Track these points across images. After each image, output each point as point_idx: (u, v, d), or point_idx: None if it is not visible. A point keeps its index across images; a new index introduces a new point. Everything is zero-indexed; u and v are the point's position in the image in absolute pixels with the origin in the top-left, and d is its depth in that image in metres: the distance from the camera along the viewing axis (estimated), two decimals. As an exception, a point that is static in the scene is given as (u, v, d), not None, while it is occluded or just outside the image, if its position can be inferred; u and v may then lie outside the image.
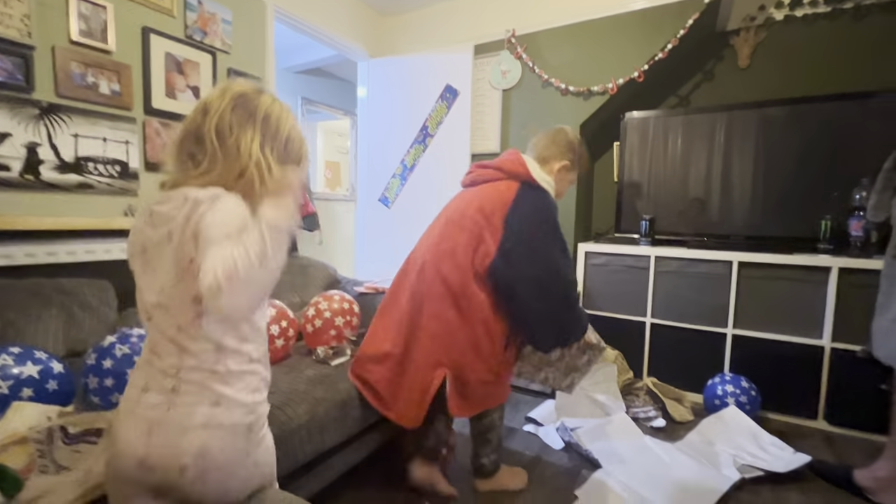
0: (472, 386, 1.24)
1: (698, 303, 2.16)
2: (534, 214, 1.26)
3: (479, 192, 1.32)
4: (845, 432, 1.87)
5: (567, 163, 1.39)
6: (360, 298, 1.73)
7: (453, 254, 1.25)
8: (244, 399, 0.67)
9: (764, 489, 1.45)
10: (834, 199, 2.00)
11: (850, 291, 1.86)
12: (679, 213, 2.34)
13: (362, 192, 3.17)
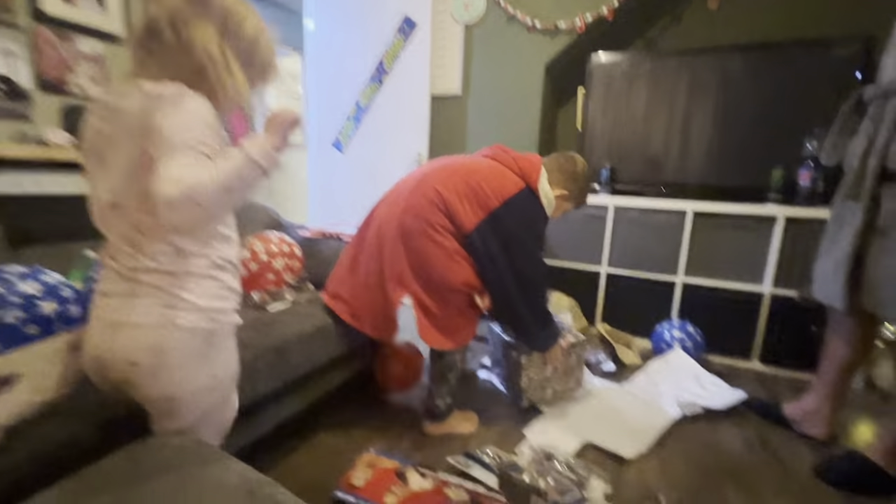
0: (438, 316, 1.24)
1: (652, 252, 2.17)
2: (525, 219, 1.27)
3: (489, 166, 1.29)
4: (776, 371, 1.99)
5: (566, 193, 1.36)
6: (305, 243, 1.59)
7: (439, 197, 1.22)
8: (203, 304, 0.66)
9: (702, 424, 1.52)
10: (787, 148, 2.01)
11: (792, 240, 1.92)
12: (640, 164, 2.31)
13: (313, 136, 2.92)
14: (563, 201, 1.37)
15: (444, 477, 1.11)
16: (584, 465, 1.19)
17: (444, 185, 1.23)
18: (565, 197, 1.36)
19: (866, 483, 1.21)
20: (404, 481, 1.08)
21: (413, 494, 1.04)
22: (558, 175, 1.34)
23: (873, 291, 1.17)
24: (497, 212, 1.22)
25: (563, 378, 1.53)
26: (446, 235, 1.22)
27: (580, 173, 1.37)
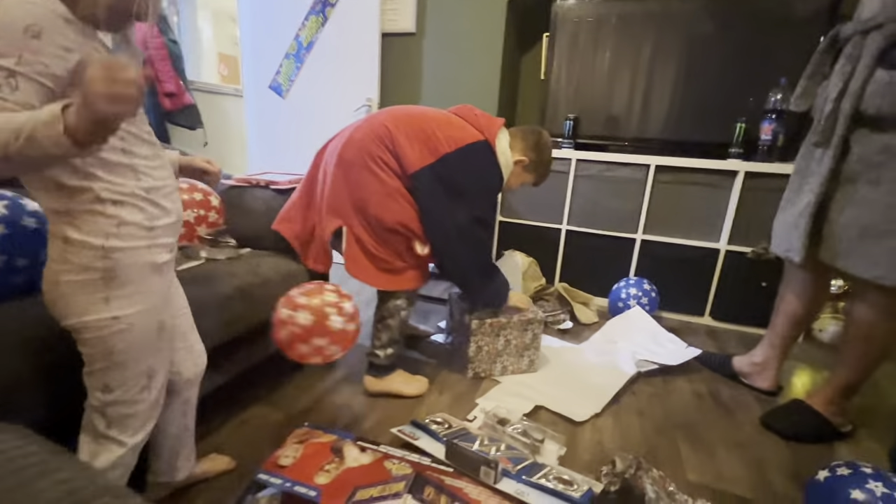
0: (375, 254, 1.20)
1: (613, 209, 2.11)
2: (476, 170, 1.22)
3: (447, 117, 1.24)
4: (727, 327, 2.03)
5: (525, 160, 1.31)
6: (227, 193, 1.37)
7: (387, 133, 1.16)
8: (95, 242, 0.61)
9: (657, 380, 1.50)
10: (751, 102, 1.96)
11: (750, 196, 1.90)
12: (603, 117, 2.19)
13: (249, 78, 2.58)
14: (522, 170, 1.33)
15: (386, 450, 1.01)
16: (538, 429, 1.13)
17: (395, 124, 1.18)
18: (524, 165, 1.32)
19: (809, 430, 1.23)
20: (340, 457, 0.96)
21: (348, 470, 0.93)
22: (520, 142, 1.31)
23: (832, 243, 1.14)
24: (447, 157, 1.17)
25: (515, 355, 1.45)
26: (388, 172, 1.16)
27: (543, 144, 1.33)
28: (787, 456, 1.16)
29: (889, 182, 1.02)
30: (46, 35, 0.51)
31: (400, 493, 0.87)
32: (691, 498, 0.94)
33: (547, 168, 1.36)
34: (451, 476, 0.94)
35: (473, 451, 0.97)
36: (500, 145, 1.25)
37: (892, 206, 1.01)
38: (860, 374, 1.19)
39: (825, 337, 1.90)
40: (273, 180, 1.36)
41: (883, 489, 0.79)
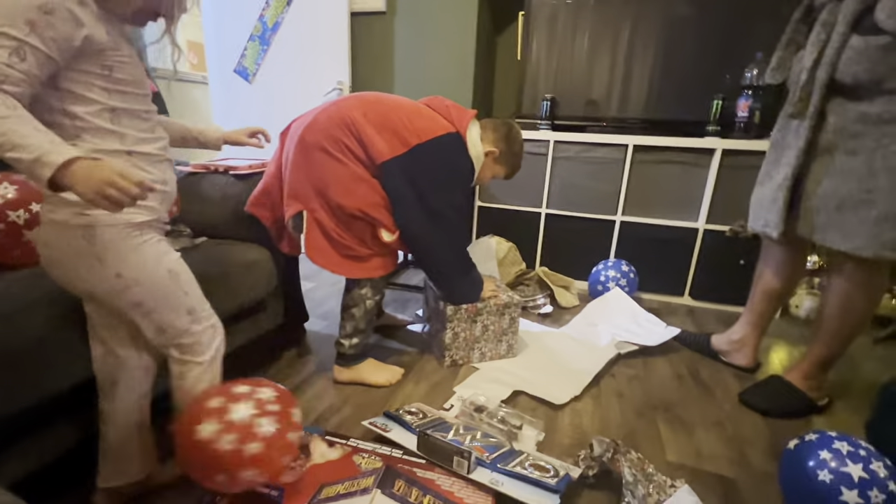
0: (337, 240, 1.15)
1: (592, 190, 2.08)
2: (447, 161, 1.20)
3: (417, 107, 1.21)
4: (706, 306, 2.03)
5: (496, 151, 1.29)
6: (183, 181, 1.29)
7: (352, 121, 1.12)
8: (72, 199, 0.63)
9: (637, 361, 1.49)
10: (727, 79, 1.93)
11: (728, 174, 1.88)
12: (581, 97, 2.15)
13: (213, 62, 2.45)
14: (493, 162, 1.32)
15: (356, 444, 0.96)
16: (516, 415, 1.10)
17: (363, 112, 1.14)
18: (495, 156, 1.30)
19: (787, 405, 1.22)
20: (306, 453, 0.91)
21: (315, 467, 0.88)
22: (491, 133, 1.30)
23: (810, 216, 1.12)
24: (417, 148, 1.15)
25: (493, 341, 1.42)
26: (351, 158, 1.12)
27: (513, 136, 1.32)
28: (765, 432, 1.15)
29: (866, 152, 1.00)
30: (58, 13, 0.57)
31: (369, 488, 0.83)
32: (670, 479, 0.92)
33: (518, 159, 1.35)
34: (423, 468, 0.90)
35: (445, 441, 0.93)
36: (470, 137, 1.24)
37: (870, 175, 0.99)
38: (836, 347, 1.18)
39: (801, 313, 1.92)
40: (233, 166, 1.28)
41: (848, 447, 0.83)
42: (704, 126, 1.93)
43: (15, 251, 0.93)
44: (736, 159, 1.86)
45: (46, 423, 0.78)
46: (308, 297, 1.83)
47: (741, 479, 0.98)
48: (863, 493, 0.77)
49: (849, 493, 0.78)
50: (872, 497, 0.77)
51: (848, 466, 0.80)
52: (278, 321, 1.38)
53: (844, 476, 0.79)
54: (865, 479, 0.78)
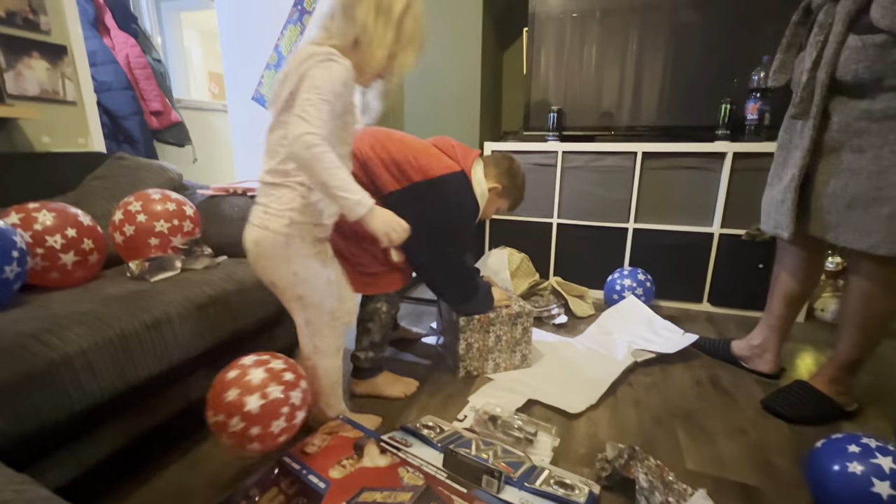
0: (349, 258, 1.20)
1: (603, 199, 2.09)
2: (452, 200, 1.23)
3: (424, 146, 1.25)
4: (726, 311, 1.99)
5: (499, 187, 1.32)
6: (204, 203, 1.36)
7: (360, 154, 1.18)
8: (289, 215, 0.88)
9: (654, 368, 1.47)
10: (735, 84, 1.93)
11: (740, 177, 1.87)
12: (588, 107, 2.18)
13: (232, 91, 2.58)
14: (497, 196, 1.35)
15: (405, 456, 0.98)
16: (530, 422, 1.10)
17: (370, 145, 1.19)
18: (498, 191, 1.33)
19: (812, 411, 1.19)
20: (359, 454, 0.95)
21: (362, 469, 0.91)
22: (493, 169, 1.33)
23: (821, 215, 1.11)
24: (422, 185, 1.19)
25: (507, 351, 1.42)
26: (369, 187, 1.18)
27: (515, 170, 1.35)
28: (790, 439, 1.12)
29: (873, 148, 0.99)
30: (348, 85, 0.83)
31: (404, 503, 0.84)
32: (690, 487, 0.91)
33: (520, 192, 1.38)
34: (462, 497, 0.87)
35: (474, 459, 0.93)
36: (475, 175, 1.27)
37: (879, 173, 0.98)
38: (861, 350, 1.15)
39: (827, 316, 1.86)
40: (250, 188, 1.34)
41: (876, 442, 0.83)
42: (714, 130, 1.92)
43: (53, 273, 1.00)
44: (748, 162, 1.85)
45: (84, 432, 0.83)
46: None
47: (766, 487, 0.95)
48: (895, 485, 0.77)
49: (881, 484, 0.77)
50: None
51: (878, 459, 0.79)
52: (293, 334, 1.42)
53: (875, 468, 0.79)
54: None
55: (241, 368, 0.86)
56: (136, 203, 1.12)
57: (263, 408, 0.82)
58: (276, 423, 0.85)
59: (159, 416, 0.97)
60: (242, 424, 0.81)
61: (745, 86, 1.88)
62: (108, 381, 0.81)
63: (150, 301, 0.93)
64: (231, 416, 0.81)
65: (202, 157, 3.01)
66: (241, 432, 0.81)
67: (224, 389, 0.83)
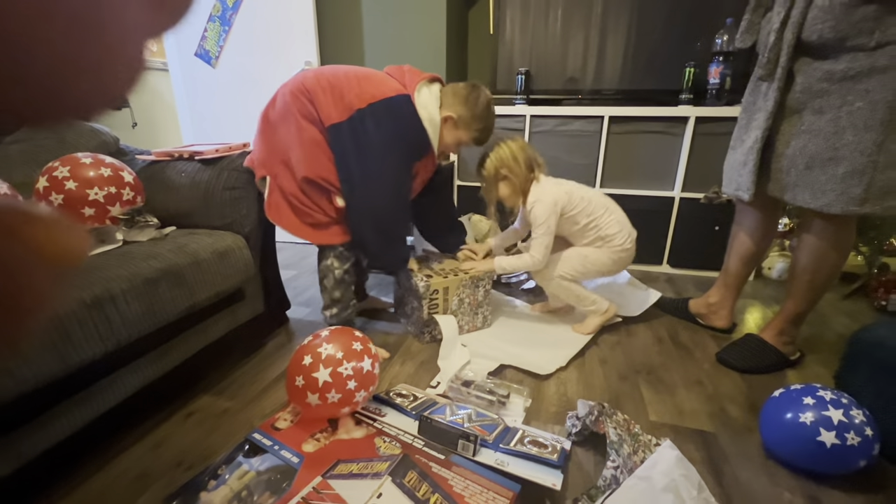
0: (297, 205, 1.21)
1: (570, 164, 2.08)
2: (390, 124, 1.16)
3: (371, 73, 1.21)
4: (684, 272, 2.08)
5: (454, 116, 1.23)
6: (146, 170, 1.23)
7: (305, 87, 1.17)
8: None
9: (619, 327, 1.53)
10: (699, 47, 1.94)
11: (702, 141, 1.91)
12: (556, 71, 2.13)
13: (172, 47, 2.33)
14: (454, 127, 1.25)
15: (381, 426, 0.96)
16: (502, 384, 1.12)
17: (316, 79, 1.17)
18: (454, 122, 1.24)
19: (761, 361, 1.27)
20: (333, 427, 0.94)
21: (337, 442, 0.90)
22: (451, 97, 1.24)
23: (780, 176, 1.14)
24: (360, 112, 1.15)
25: (469, 314, 1.43)
26: (306, 121, 1.16)
27: (474, 99, 1.24)
28: (742, 387, 1.20)
29: (832, 109, 1.02)
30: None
31: (381, 472, 0.83)
32: (654, 437, 0.95)
33: (483, 123, 1.27)
34: (441, 464, 0.87)
35: (449, 424, 0.93)
36: (420, 98, 1.19)
37: (836, 133, 1.02)
38: (807, 303, 1.23)
39: (774, 274, 1.99)
40: (198, 151, 1.22)
41: (831, 395, 0.89)
42: (678, 95, 1.94)
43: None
44: (709, 126, 1.88)
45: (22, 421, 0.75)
46: (289, 286, 1.80)
47: (721, 433, 1.02)
48: (840, 435, 0.82)
49: (827, 433, 0.83)
50: (849, 439, 0.82)
51: (829, 411, 0.85)
52: (259, 310, 1.36)
53: (825, 419, 0.84)
54: (844, 422, 0.83)
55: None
56: (63, 168, 0.98)
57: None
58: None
59: (114, 398, 0.90)
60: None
61: (708, 49, 1.89)
62: (45, 367, 0.73)
63: (89, 277, 0.84)
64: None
65: (143, 121, 2.73)
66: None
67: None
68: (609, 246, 1.40)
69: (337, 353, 0.90)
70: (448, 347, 1.31)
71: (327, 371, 0.88)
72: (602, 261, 1.41)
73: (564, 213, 1.37)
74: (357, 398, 0.92)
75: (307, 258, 2.25)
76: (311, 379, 0.88)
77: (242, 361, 1.30)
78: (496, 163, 1.37)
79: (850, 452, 0.82)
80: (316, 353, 0.90)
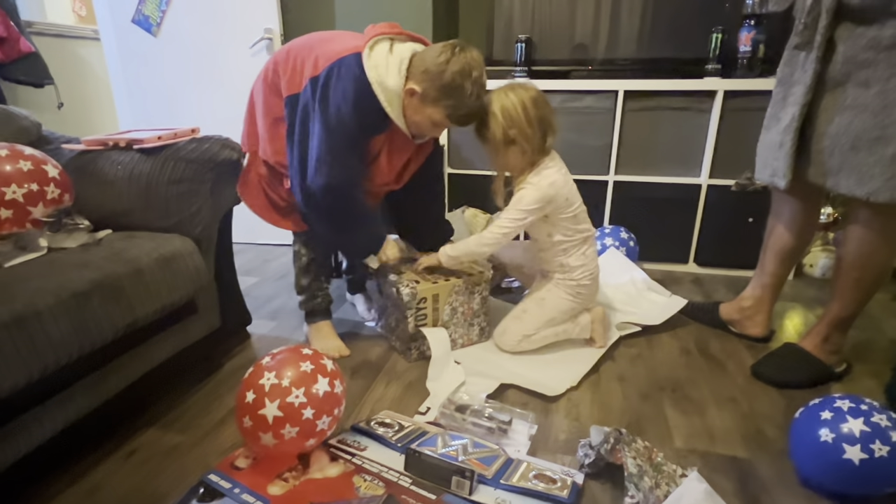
0: (267, 188, 1.37)
1: (580, 146, 2.10)
2: (335, 91, 1.16)
3: (332, 35, 1.31)
4: (714, 272, 2.11)
5: (416, 89, 1.16)
6: (75, 161, 1.21)
7: (274, 60, 1.31)
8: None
9: (639, 339, 1.54)
10: (727, 9, 1.96)
11: (732, 118, 1.93)
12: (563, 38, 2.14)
13: (105, 12, 2.30)
14: (420, 104, 1.18)
15: (361, 461, 0.96)
16: (503, 409, 1.12)
17: (287, 49, 1.28)
18: (417, 96, 1.17)
19: (803, 375, 1.29)
20: (304, 464, 0.93)
21: (308, 482, 0.89)
22: (417, 65, 1.17)
23: (821, 159, 1.16)
24: (312, 81, 1.19)
25: (464, 325, 1.43)
26: (274, 98, 1.28)
27: (444, 68, 1.13)
28: (781, 405, 1.21)
29: (879, 82, 1.03)
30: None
31: None
32: (681, 467, 0.96)
33: (455, 100, 1.16)
34: None
35: (441, 458, 0.93)
36: (371, 58, 1.15)
37: (884, 108, 1.03)
38: (855, 305, 1.25)
39: (816, 272, 2.02)
40: (137, 139, 1.21)
41: (849, 404, 0.90)
42: (703, 65, 1.96)
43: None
44: (740, 101, 1.90)
45: None
46: (251, 295, 1.80)
47: (758, 459, 1.03)
48: (865, 448, 0.84)
49: (851, 449, 0.85)
50: (876, 450, 0.84)
51: (848, 422, 0.87)
52: (214, 325, 1.35)
53: (846, 433, 0.86)
54: (867, 432, 0.85)
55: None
56: (-28, 162, 0.97)
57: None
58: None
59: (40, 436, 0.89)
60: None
61: (738, 12, 1.91)
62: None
63: (9, 291, 0.83)
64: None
65: (70, 100, 2.69)
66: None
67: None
68: (566, 279, 1.40)
69: (283, 382, 0.88)
70: (438, 366, 1.31)
71: (275, 405, 0.86)
72: (561, 300, 1.41)
73: (552, 215, 1.34)
74: (321, 426, 0.91)
75: (270, 261, 2.24)
76: (259, 417, 0.87)
77: (195, 388, 1.29)
78: (503, 122, 1.24)
79: (883, 466, 0.84)
80: (258, 385, 0.89)
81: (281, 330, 1.61)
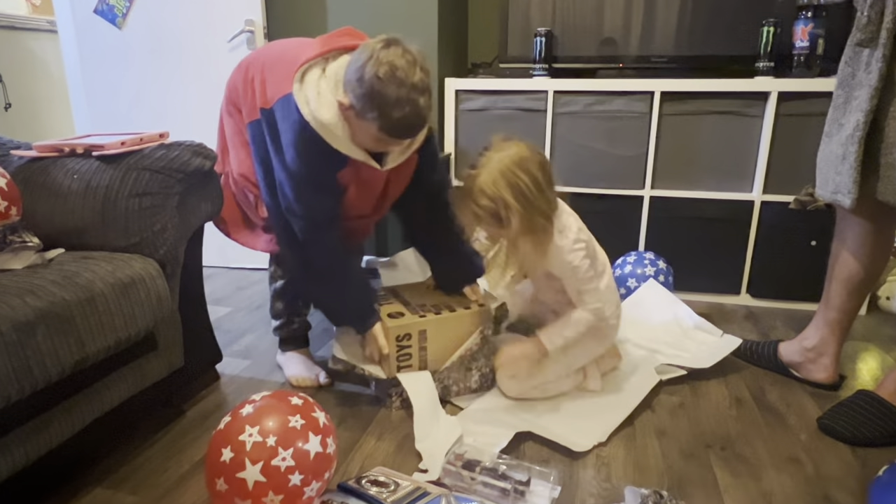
0: (238, 207, 1.51)
1: (609, 156, 2.13)
2: (282, 130, 1.25)
3: (294, 51, 1.29)
4: (770, 304, 2.11)
5: (346, 103, 1.13)
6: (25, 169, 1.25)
7: (235, 83, 1.43)
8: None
9: (682, 385, 1.54)
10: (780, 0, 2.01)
11: (788, 124, 1.96)
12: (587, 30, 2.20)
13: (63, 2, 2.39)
14: (354, 116, 1.14)
15: None
16: (520, 466, 1.12)
17: (245, 68, 1.41)
18: (350, 110, 1.14)
19: (879, 429, 1.28)
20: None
21: None
22: (346, 72, 1.14)
23: (891, 174, 1.18)
24: (264, 113, 1.29)
25: (458, 369, 1.43)
26: (236, 111, 1.42)
27: (362, 71, 1.08)
28: (854, 466, 1.20)
29: (958, 83, 1.06)
30: None
31: None
32: (732, 539, 0.95)
33: (379, 109, 1.09)
34: None
35: None
36: (302, 93, 1.17)
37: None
38: (940, 346, 1.24)
39: (894, 306, 2.01)
40: (96, 144, 1.25)
41: None
42: (753, 63, 2.00)
43: None
44: (797, 105, 1.94)
45: None
46: (221, 329, 1.82)
47: (826, 533, 1.02)
48: None
49: None
50: None
51: None
52: (177, 364, 1.36)
53: None
54: None
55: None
56: None
57: None
58: None
59: None
60: None
61: (793, 2, 1.96)
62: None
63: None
64: None
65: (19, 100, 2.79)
66: None
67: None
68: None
69: (268, 440, 0.87)
70: (424, 422, 1.29)
71: (257, 468, 0.85)
72: (586, 340, 1.38)
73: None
74: (308, 493, 0.90)
75: (245, 289, 2.27)
76: (237, 481, 0.85)
77: (152, 438, 1.30)
78: (519, 207, 1.22)
79: None
80: (237, 442, 0.87)
81: (255, 370, 1.62)
